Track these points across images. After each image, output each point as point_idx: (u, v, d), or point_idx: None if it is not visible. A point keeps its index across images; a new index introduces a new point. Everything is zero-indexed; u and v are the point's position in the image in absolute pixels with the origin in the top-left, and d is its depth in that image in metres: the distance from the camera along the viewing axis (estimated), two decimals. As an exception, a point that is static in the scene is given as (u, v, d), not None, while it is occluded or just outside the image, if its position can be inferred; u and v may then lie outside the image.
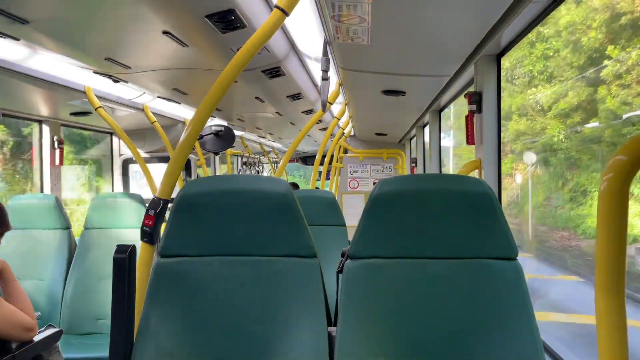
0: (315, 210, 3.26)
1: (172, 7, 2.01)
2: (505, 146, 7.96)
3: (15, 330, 1.76)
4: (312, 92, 4.24)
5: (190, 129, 1.75)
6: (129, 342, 1.44)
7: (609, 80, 5.60)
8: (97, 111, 3.52)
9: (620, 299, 0.91)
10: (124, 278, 1.40)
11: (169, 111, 4.67)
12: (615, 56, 5.52)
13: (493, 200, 1.46)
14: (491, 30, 2.00)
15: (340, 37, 2.14)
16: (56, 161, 4.05)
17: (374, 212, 1.50)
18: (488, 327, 1.41)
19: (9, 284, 1.89)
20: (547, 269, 7.14)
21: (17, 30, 2.17)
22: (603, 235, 0.90)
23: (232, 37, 2.35)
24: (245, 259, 1.54)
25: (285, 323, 1.47)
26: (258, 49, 1.70)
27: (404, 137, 6.18)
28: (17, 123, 5.46)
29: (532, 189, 7.79)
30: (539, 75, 7.47)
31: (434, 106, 4.02)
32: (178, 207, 1.54)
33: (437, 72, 2.78)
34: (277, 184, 1.55)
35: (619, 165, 0.87)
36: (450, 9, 1.81)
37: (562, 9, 3.61)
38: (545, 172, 7.58)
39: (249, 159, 9.93)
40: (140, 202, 3.34)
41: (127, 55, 2.69)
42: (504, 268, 1.46)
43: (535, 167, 7.74)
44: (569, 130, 6.72)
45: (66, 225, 3.31)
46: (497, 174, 2.43)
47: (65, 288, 3.21)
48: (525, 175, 7.84)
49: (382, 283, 1.48)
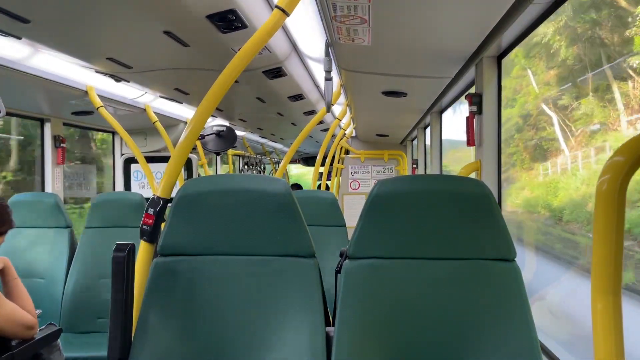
0: (315, 211, 3.27)
1: (173, 7, 2.01)
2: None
3: (17, 328, 1.76)
4: (313, 93, 4.24)
5: (190, 129, 1.75)
6: (127, 340, 1.44)
7: None
8: (99, 110, 3.53)
9: (616, 300, 0.91)
10: (122, 276, 1.40)
11: (171, 111, 4.68)
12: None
13: (492, 201, 1.46)
14: (492, 31, 2.00)
15: (341, 37, 2.14)
16: (58, 160, 4.07)
17: (373, 212, 1.50)
18: (486, 328, 1.41)
19: (11, 282, 1.90)
20: None
21: (19, 29, 2.18)
22: (600, 237, 0.90)
23: (233, 37, 2.35)
24: (243, 258, 1.54)
25: (283, 322, 1.47)
26: (258, 49, 1.71)
27: (406, 138, 6.18)
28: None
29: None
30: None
31: (435, 107, 4.02)
32: (177, 206, 1.54)
33: (438, 74, 2.79)
34: (276, 184, 1.55)
35: (616, 166, 0.87)
36: (450, 10, 1.81)
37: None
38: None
39: (251, 160, 9.94)
40: (141, 202, 3.34)
41: (129, 55, 2.69)
42: (502, 269, 1.46)
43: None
44: None
45: (66, 224, 3.32)
46: (497, 175, 2.43)
47: (65, 287, 3.21)
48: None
49: (380, 283, 1.48)
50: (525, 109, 4.09)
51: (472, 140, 2.51)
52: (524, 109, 4.10)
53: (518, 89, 4.14)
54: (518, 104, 4.11)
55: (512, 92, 4.05)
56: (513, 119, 4.07)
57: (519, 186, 4.11)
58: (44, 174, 4.07)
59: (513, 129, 4.09)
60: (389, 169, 6.39)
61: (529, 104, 4.08)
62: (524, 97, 4.14)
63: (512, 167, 4.12)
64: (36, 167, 4.17)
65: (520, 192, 4.10)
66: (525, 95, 4.15)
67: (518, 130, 4.13)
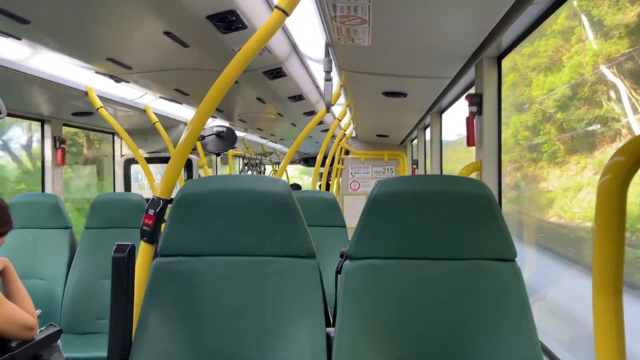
0: (315, 211, 3.27)
1: (173, 8, 2.01)
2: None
3: (17, 329, 1.76)
4: (313, 93, 4.24)
5: (190, 129, 1.75)
6: (127, 341, 1.44)
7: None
8: (99, 111, 3.53)
9: (618, 300, 0.91)
10: (122, 277, 1.40)
11: (171, 112, 4.68)
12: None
13: (492, 201, 1.46)
14: (492, 32, 2.00)
15: (341, 38, 2.14)
16: (58, 160, 4.07)
17: (373, 212, 1.50)
18: (486, 328, 1.41)
19: (11, 283, 1.89)
20: None
21: (19, 30, 2.18)
22: (601, 237, 0.90)
23: (233, 38, 2.35)
24: (243, 259, 1.54)
25: (283, 323, 1.47)
26: (258, 49, 1.71)
27: (406, 138, 6.18)
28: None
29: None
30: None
31: (435, 108, 4.02)
32: (177, 207, 1.54)
33: (438, 74, 2.79)
34: (276, 184, 1.55)
35: (617, 166, 0.87)
36: (450, 10, 1.81)
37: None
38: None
39: (251, 160, 9.94)
40: (141, 202, 3.34)
41: (129, 55, 2.69)
42: (502, 269, 1.46)
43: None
44: None
45: (67, 225, 3.32)
46: (497, 175, 2.43)
47: (65, 287, 3.21)
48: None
49: (380, 284, 1.48)
50: (575, 76, 2.89)
51: (472, 140, 2.51)
52: (572, 76, 2.90)
53: (561, 49, 2.96)
54: (565, 69, 2.93)
55: (552, 54, 2.97)
56: (552, 98, 2.98)
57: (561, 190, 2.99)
58: (44, 175, 4.07)
59: (541, 113, 3.06)
60: (389, 170, 6.38)
61: (582, 67, 2.82)
62: (575, 58, 2.90)
63: (536, 164, 3.23)
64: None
65: (558, 201, 3.05)
66: (577, 54, 2.90)
67: (562, 108, 2.96)
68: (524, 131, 3.29)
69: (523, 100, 3.38)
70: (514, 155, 3.47)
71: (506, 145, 2.57)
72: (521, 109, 3.39)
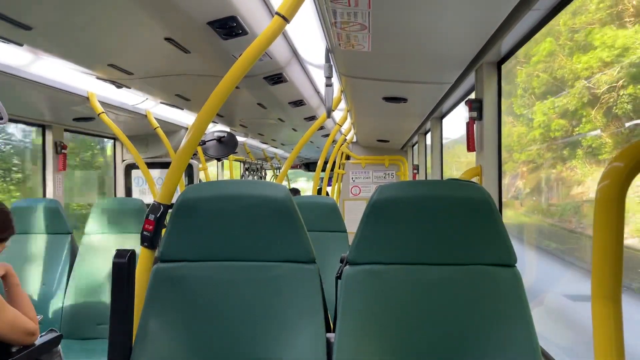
0: (315, 216, 3.27)
1: (174, 14, 2.02)
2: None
3: (18, 334, 1.76)
4: (314, 98, 4.25)
5: (191, 135, 1.75)
6: (127, 346, 1.44)
7: None
8: (100, 117, 3.54)
9: (617, 306, 0.91)
10: (123, 282, 1.40)
11: (172, 117, 4.69)
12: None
13: (492, 206, 1.46)
14: (492, 37, 2.01)
15: (342, 44, 2.15)
16: (59, 166, 4.07)
17: (373, 218, 1.50)
18: (487, 334, 1.41)
19: (13, 288, 1.89)
20: None
21: (21, 36, 2.19)
22: (600, 243, 0.90)
23: (233, 44, 2.36)
24: (244, 264, 1.54)
25: (284, 329, 1.47)
26: (259, 55, 1.71)
27: (406, 143, 6.19)
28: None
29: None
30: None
31: (435, 113, 4.03)
32: (178, 212, 1.55)
33: (438, 79, 2.79)
34: (276, 190, 1.55)
35: (616, 172, 0.87)
36: (450, 16, 1.82)
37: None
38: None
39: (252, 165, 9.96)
40: (142, 207, 3.35)
41: (130, 61, 2.70)
42: (502, 275, 1.46)
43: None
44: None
45: (67, 230, 3.32)
46: (497, 180, 2.43)
47: (66, 293, 3.21)
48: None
49: (380, 289, 1.47)
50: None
51: (472, 145, 2.52)
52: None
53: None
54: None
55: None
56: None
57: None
58: (45, 180, 4.08)
59: (587, 95, 2.23)
60: (389, 175, 6.39)
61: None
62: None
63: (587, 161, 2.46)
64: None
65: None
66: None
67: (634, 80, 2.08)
68: (558, 119, 2.63)
69: (563, 76, 2.70)
70: (540, 150, 2.86)
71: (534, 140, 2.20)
72: (559, 89, 2.73)
